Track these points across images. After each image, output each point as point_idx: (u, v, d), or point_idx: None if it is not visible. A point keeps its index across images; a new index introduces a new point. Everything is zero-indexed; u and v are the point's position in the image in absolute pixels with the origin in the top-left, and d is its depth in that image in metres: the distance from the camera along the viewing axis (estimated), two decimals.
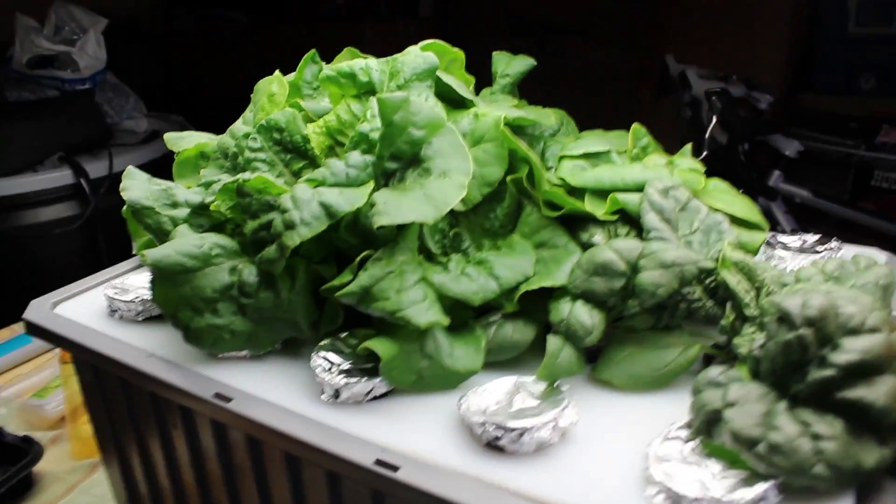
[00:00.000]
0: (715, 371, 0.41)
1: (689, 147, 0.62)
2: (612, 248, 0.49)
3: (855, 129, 1.95)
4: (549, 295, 0.50)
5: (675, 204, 0.53)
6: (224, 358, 0.53)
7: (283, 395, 0.49)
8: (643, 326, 0.49)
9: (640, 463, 0.40)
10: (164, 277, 0.50)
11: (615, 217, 0.54)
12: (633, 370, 0.48)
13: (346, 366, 0.48)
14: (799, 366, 0.39)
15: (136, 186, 0.53)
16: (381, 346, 0.47)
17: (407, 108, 0.51)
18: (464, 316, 0.51)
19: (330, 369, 0.48)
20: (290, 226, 0.47)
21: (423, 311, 0.47)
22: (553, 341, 0.48)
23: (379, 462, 0.41)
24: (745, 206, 0.56)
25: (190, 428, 0.54)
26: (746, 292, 0.46)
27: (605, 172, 0.55)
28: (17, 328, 1.14)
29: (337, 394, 0.47)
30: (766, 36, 2.05)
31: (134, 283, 0.62)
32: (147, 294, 0.59)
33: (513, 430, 0.41)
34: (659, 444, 0.40)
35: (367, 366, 0.48)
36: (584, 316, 0.48)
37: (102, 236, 1.43)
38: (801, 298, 0.40)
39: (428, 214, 0.46)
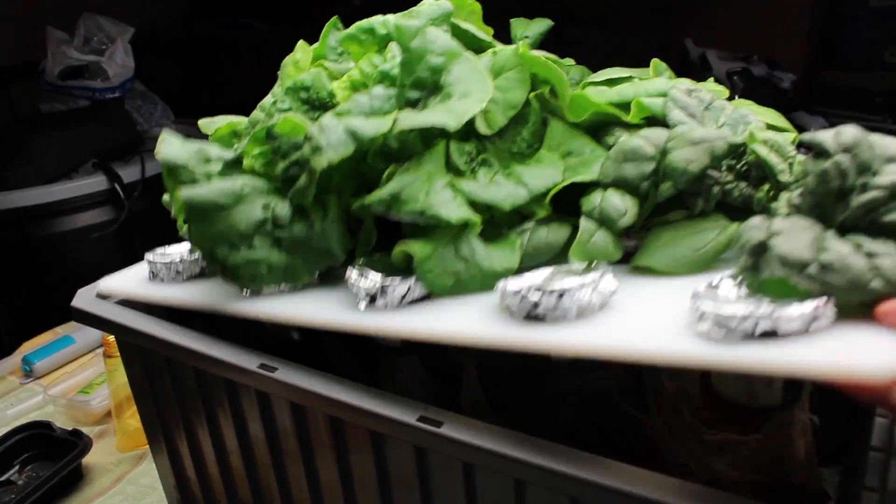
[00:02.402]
0: (756, 219, 0.39)
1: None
2: (640, 135, 0.48)
3: (881, 103, 1.93)
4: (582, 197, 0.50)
5: (700, 103, 0.52)
6: (265, 296, 0.54)
7: (320, 310, 0.49)
8: (678, 217, 0.48)
9: (685, 317, 0.39)
10: (199, 216, 0.50)
11: (641, 122, 0.53)
12: (673, 252, 0.46)
13: (381, 275, 0.48)
14: (840, 195, 0.37)
15: (171, 146, 0.53)
16: (415, 247, 0.47)
17: (424, 36, 0.52)
18: (496, 230, 0.51)
19: (365, 275, 0.48)
20: (317, 150, 0.48)
21: (454, 208, 0.48)
22: (585, 224, 0.47)
23: (422, 418, 0.42)
24: (772, 114, 0.55)
25: (235, 403, 0.56)
26: (779, 162, 0.45)
27: (628, 88, 0.54)
28: (61, 331, 1.17)
29: (373, 299, 0.47)
30: (786, 14, 2.03)
31: (173, 249, 0.64)
32: (187, 253, 0.61)
33: (552, 292, 0.40)
34: (705, 288, 0.38)
35: (402, 274, 0.49)
36: (616, 200, 0.47)
37: (138, 239, 1.45)
38: (833, 131, 0.39)
39: (449, 121, 0.47)
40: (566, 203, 0.50)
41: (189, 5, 2.66)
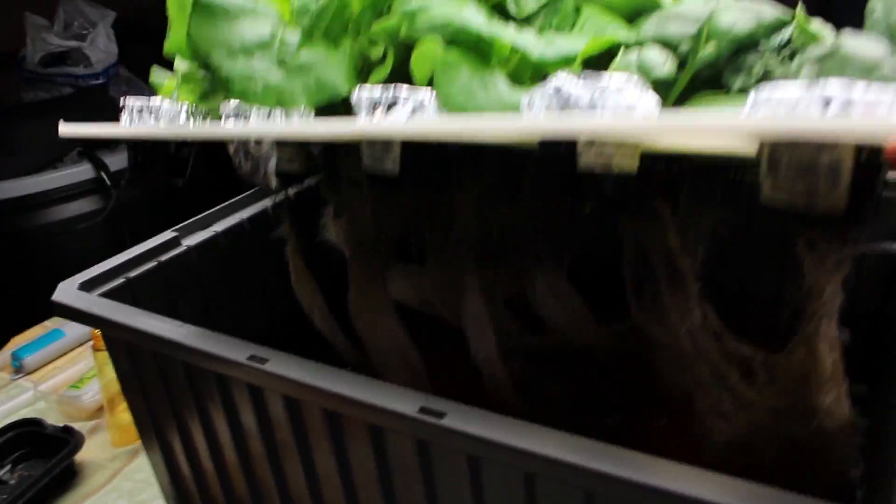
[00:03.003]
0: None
1: None
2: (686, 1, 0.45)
3: None
4: None
5: None
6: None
7: (313, 125, 0.46)
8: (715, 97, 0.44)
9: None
10: (205, 15, 0.47)
11: None
12: None
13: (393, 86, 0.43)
14: None
15: None
16: (440, 52, 0.43)
17: None
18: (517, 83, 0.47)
19: (372, 89, 0.43)
20: None
21: (484, 21, 0.44)
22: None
23: (423, 410, 0.40)
24: None
25: (227, 397, 0.53)
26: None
27: None
28: (50, 324, 1.14)
29: (374, 106, 0.43)
30: None
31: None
32: (170, 102, 0.56)
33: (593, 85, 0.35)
34: None
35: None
36: (654, 52, 0.43)
37: (126, 228, 1.43)
38: None
39: None
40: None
41: None
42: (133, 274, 0.66)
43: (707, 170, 0.50)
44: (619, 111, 0.33)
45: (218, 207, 0.76)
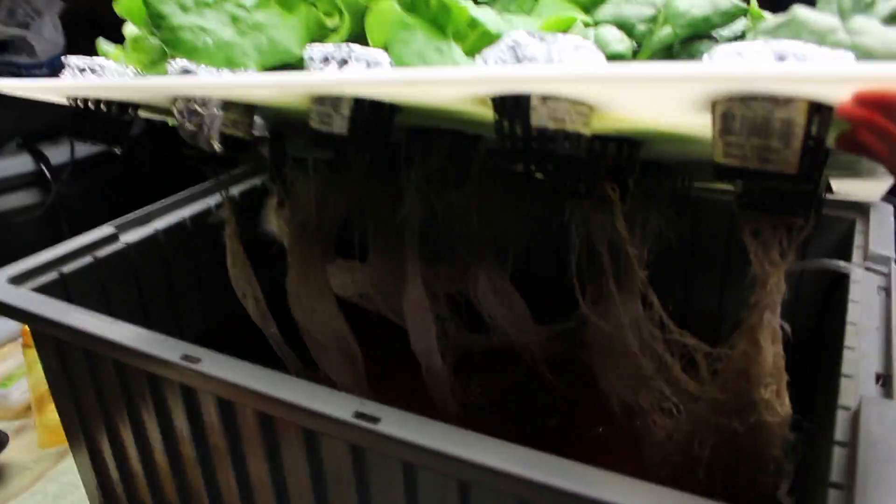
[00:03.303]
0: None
1: None
2: None
3: None
4: None
5: None
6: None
7: (263, 77, 0.44)
8: None
9: None
10: None
11: None
12: None
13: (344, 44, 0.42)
14: None
15: None
16: (395, 8, 0.42)
17: None
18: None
19: (323, 47, 0.42)
20: None
21: None
22: None
23: (358, 415, 0.39)
24: None
25: (158, 398, 0.52)
26: None
27: None
28: None
29: (326, 61, 0.42)
30: None
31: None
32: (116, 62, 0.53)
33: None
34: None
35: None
36: (612, 30, 0.43)
37: (66, 224, 1.38)
38: None
39: None
40: None
41: None
42: (67, 269, 0.64)
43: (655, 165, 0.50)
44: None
45: (159, 204, 0.74)
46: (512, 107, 0.33)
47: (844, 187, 0.64)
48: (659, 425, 0.51)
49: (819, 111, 0.30)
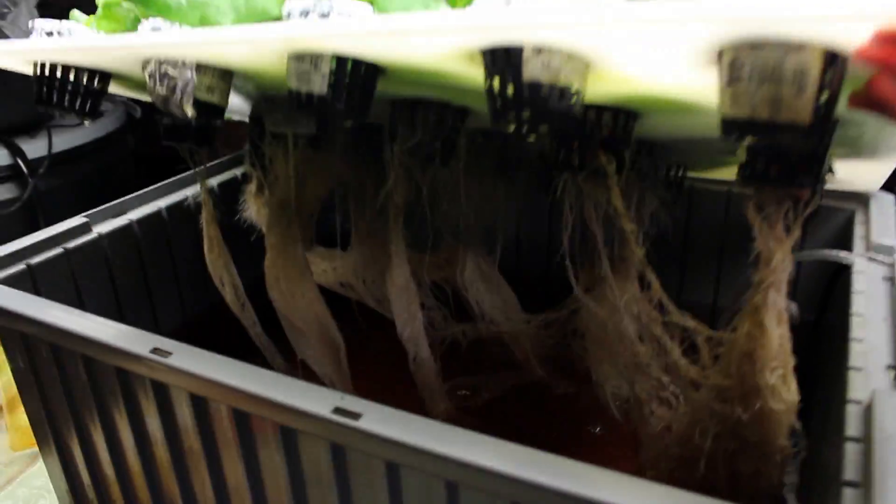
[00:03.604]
0: None
1: None
2: None
3: None
4: None
5: None
6: None
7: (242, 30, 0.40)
8: None
9: None
10: None
11: None
12: None
13: None
14: None
15: None
16: None
17: None
18: None
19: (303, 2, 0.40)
20: None
21: None
22: None
23: (338, 410, 0.36)
24: None
25: (129, 395, 0.49)
26: None
27: None
28: None
29: (306, 15, 0.39)
30: None
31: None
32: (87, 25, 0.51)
33: None
34: None
35: None
36: None
37: (43, 219, 1.34)
38: None
39: None
40: None
41: None
42: (35, 260, 0.61)
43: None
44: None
45: (134, 194, 0.71)
46: (503, 60, 0.30)
47: (844, 172, 0.62)
48: (657, 416, 0.48)
49: (833, 62, 0.27)
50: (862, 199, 0.68)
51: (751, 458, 0.45)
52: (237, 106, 0.60)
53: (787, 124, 0.28)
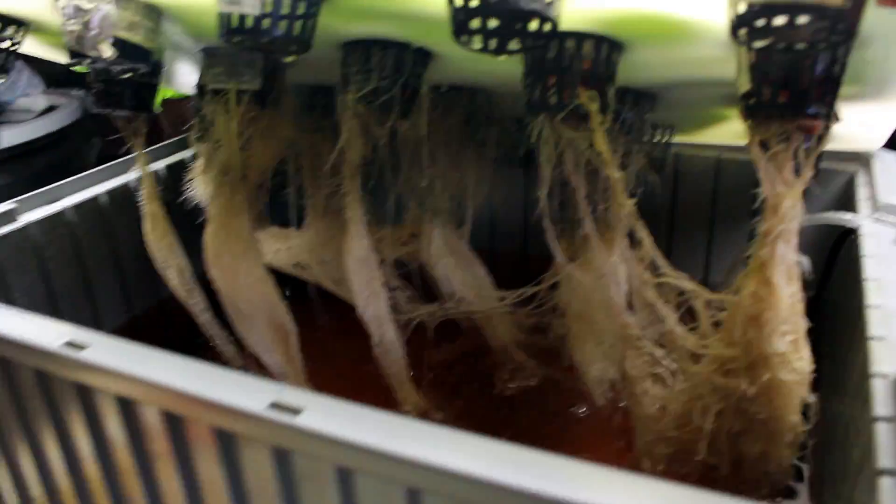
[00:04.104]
0: None
1: None
2: None
3: None
4: None
5: None
6: None
7: None
8: None
9: None
10: None
11: None
12: None
13: None
14: None
15: None
16: None
17: None
18: None
19: None
20: None
21: None
22: None
23: (275, 405, 0.30)
24: None
25: (49, 399, 0.42)
26: None
27: None
28: None
29: None
30: None
31: None
32: None
33: None
34: None
35: None
36: None
37: None
38: None
39: None
40: None
41: None
42: None
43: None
44: None
45: (69, 179, 0.65)
46: None
47: (846, 128, 0.57)
48: (651, 395, 0.43)
49: None
50: (863, 159, 0.63)
51: (757, 438, 0.40)
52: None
53: (817, 4, 0.22)
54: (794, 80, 0.32)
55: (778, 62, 0.32)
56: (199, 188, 0.61)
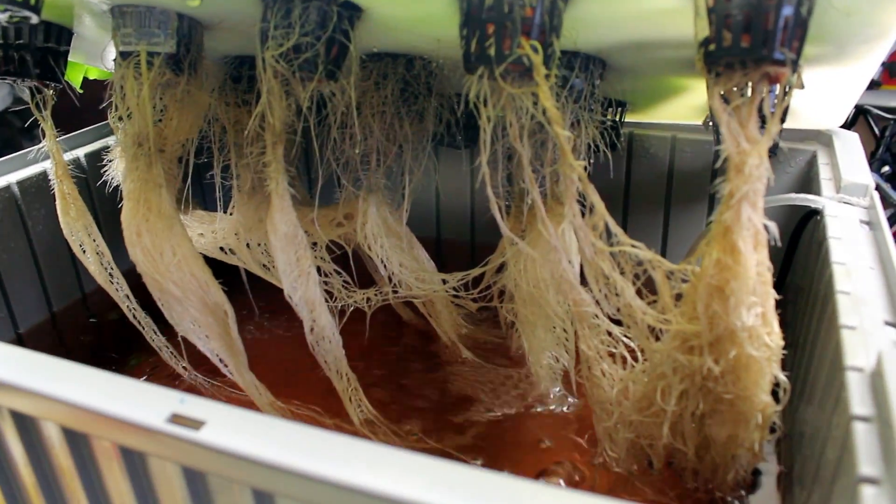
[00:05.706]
0: None
1: None
2: None
3: None
4: None
5: None
6: None
7: None
8: None
9: None
10: None
11: None
12: None
13: None
14: None
15: None
16: None
17: None
18: None
19: None
20: None
21: None
22: None
23: (175, 418, 0.26)
24: None
25: None
26: None
27: None
28: None
29: None
30: None
31: None
32: None
33: None
34: None
35: None
36: None
37: None
38: None
39: None
40: None
41: None
42: None
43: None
44: None
45: None
46: None
47: (805, 103, 0.54)
48: (610, 377, 0.39)
49: None
50: (823, 138, 0.61)
51: (725, 420, 0.37)
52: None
53: None
54: (757, 22, 0.28)
55: (739, 2, 0.28)
56: (117, 167, 0.56)
